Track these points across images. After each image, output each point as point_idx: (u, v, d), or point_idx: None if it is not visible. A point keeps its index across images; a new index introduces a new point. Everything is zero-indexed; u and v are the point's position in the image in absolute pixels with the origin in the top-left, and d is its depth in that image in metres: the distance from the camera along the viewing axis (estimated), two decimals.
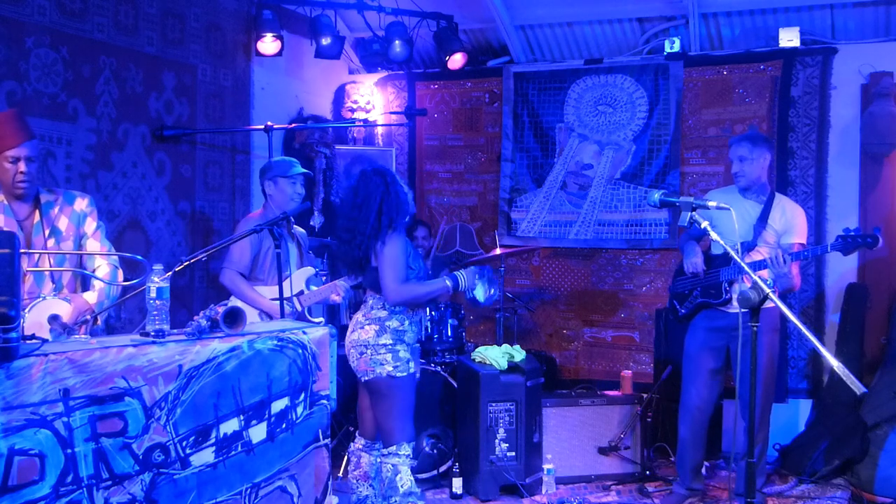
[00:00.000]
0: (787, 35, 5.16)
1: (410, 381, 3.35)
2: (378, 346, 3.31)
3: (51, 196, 3.31)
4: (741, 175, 3.98)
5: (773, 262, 3.72)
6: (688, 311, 4.16)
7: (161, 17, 4.63)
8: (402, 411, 3.33)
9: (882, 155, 4.94)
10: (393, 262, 3.27)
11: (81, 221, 3.34)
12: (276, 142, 5.21)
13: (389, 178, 3.37)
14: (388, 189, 3.32)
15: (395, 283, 3.27)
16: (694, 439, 4.15)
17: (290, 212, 3.78)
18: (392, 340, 3.32)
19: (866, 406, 4.49)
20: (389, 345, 3.31)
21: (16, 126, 3.17)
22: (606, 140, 5.76)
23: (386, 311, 3.35)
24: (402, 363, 3.31)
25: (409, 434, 3.36)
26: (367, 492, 3.44)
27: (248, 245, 3.98)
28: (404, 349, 3.34)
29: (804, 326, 2.40)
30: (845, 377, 2.22)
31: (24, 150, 3.14)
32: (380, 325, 3.33)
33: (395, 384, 3.30)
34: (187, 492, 2.52)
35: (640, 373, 5.52)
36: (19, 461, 2.12)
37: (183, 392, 2.50)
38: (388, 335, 3.32)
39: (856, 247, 3.72)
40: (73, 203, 3.34)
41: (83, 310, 3.13)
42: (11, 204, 3.21)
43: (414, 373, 3.37)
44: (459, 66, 5.70)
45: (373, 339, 3.32)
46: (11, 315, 2.09)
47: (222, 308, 2.68)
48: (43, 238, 3.22)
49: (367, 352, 3.33)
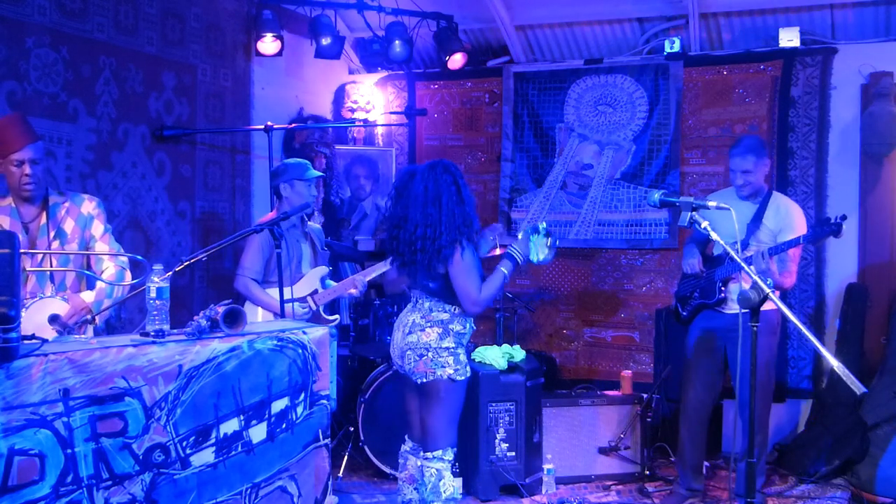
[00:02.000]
0: (787, 35, 5.16)
1: (466, 385, 3.31)
2: (440, 349, 3.24)
3: (59, 198, 3.33)
4: (745, 186, 3.96)
5: (755, 258, 3.72)
6: (689, 313, 4.16)
7: (161, 17, 4.63)
8: (452, 415, 3.29)
9: (882, 155, 4.94)
10: (470, 271, 3.21)
11: (88, 224, 3.35)
12: (276, 142, 5.21)
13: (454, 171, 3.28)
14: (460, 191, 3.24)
15: (475, 293, 3.21)
16: (694, 439, 4.16)
17: (289, 212, 3.79)
18: (454, 344, 3.26)
19: (866, 406, 4.49)
20: (452, 348, 3.25)
21: (19, 129, 3.19)
22: (606, 140, 5.76)
23: (447, 313, 3.28)
24: (462, 367, 3.26)
25: (453, 439, 3.31)
26: (412, 495, 3.36)
27: (259, 251, 4.03)
28: (464, 352, 3.30)
29: (804, 327, 2.40)
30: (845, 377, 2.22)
31: (29, 153, 3.16)
32: (443, 328, 3.26)
33: (454, 388, 3.25)
34: (187, 492, 2.52)
35: (640, 373, 5.52)
36: (19, 461, 2.12)
37: (183, 392, 2.50)
38: (451, 338, 3.26)
39: (823, 235, 3.75)
40: (80, 205, 3.36)
41: (80, 309, 3.13)
42: (19, 206, 3.24)
43: (470, 376, 3.33)
44: (459, 66, 5.70)
45: (435, 342, 3.24)
46: (11, 315, 2.09)
47: (222, 308, 2.68)
48: (48, 240, 3.23)
49: (427, 354, 3.24)
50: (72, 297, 3.20)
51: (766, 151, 4.02)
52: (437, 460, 3.24)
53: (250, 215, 5.31)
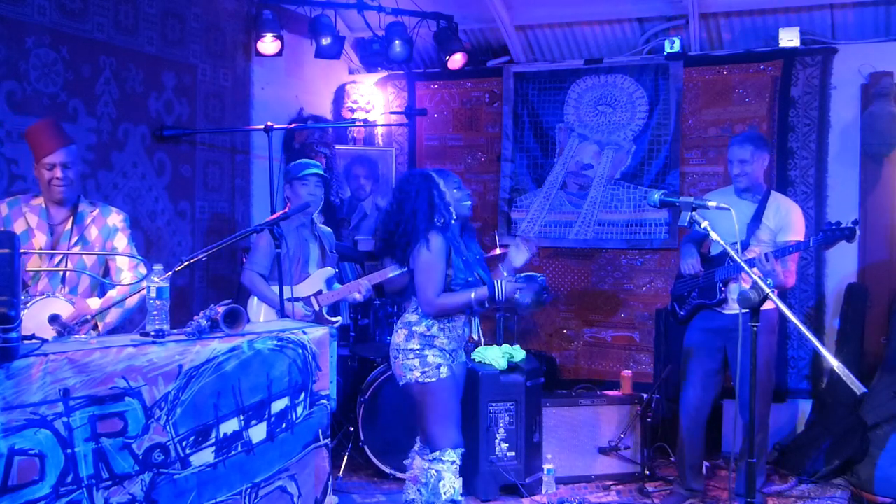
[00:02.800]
0: (787, 35, 5.16)
1: (442, 386, 3.23)
2: (406, 350, 3.26)
3: (89, 207, 3.39)
4: (742, 176, 3.97)
5: (759, 260, 3.72)
6: (686, 312, 4.16)
7: (161, 17, 4.63)
8: (440, 417, 3.23)
9: (882, 155, 4.94)
10: (427, 269, 3.21)
11: (112, 235, 3.40)
12: (276, 142, 5.21)
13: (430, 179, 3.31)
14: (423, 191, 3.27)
15: (429, 294, 3.21)
16: (693, 439, 4.16)
17: (289, 212, 3.80)
18: (419, 345, 3.25)
19: (866, 406, 4.49)
20: (417, 350, 3.24)
21: (51, 133, 3.25)
22: (606, 140, 5.76)
23: (417, 315, 3.29)
24: (430, 368, 3.22)
25: (452, 439, 3.24)
26: (415, 495, 3.34)
27: (268, 247, 4.07)
28: (434, 354, 3.24)
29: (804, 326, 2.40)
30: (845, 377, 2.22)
31: (61, 157, 3.22)
32: (408, 330, 3.28)
33: (425, 390, 3.22)
34: (187, 492, 2.52)
35: (640, 373, 5.52)
36: (19, 461, 2.12)
37: (183, 392, 2.51)
38: (415, 340, 3.25)
39: (836, 239, 3.72)
40: (107, 217, 3.41)
41: (83, 313, 3.15)
42: (50, 208, 3.30)
43: (447, 378, 3.24)
44: (459, 66, 5.70)
45: (402, 344, 3.28)
46: (11, 315, 2.09)
47: (222, 308, 2.68)
48: (68, 245, 3.28)
49: (399, 356, 3.29)
50: (78, 300, 3.22)
51: (766, 146, 4.03)
52: (437, 461, 3.22)
53: (250, 215, 5.31)
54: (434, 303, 3.21)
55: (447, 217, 3.28)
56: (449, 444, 3.23)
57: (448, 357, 3.30)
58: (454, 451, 3.24)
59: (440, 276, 3.23)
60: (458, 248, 3.30)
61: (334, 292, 4.21)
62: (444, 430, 3.23)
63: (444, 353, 3.28)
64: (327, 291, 4.21)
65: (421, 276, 3.22)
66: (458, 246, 3.32)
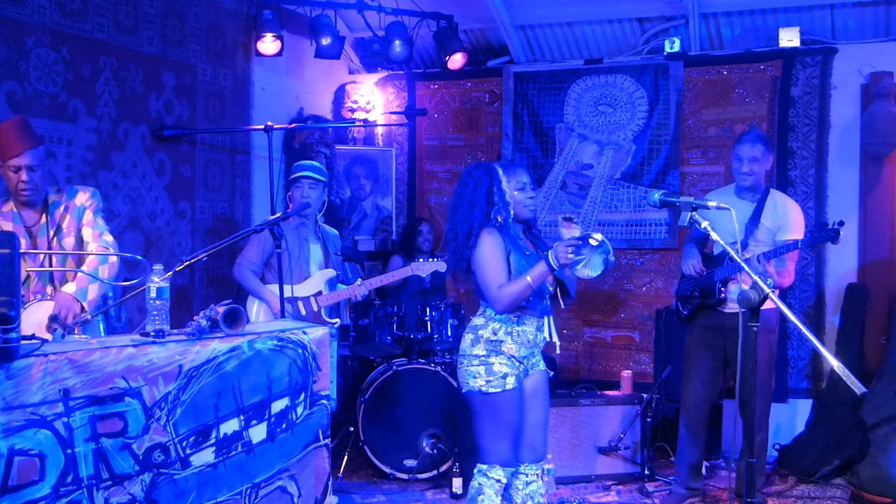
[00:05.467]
0: (787, 35, 5.16)
1: (506, 398, 2.97)
2: (471, 356, 3.02)
3: (57, 196, 3.33)
4: (750, 174, 3.94)
5: (751, 263, 3.71)
6: (689, 312, 4.16)
7: (161, 17, 4.63)
8: (495, 430, 2.99)
9: (882, 155, 4.94)
10: (487, 264, 3.00)
11: (81, 215, 3.34)
12: (276, 142, 5.21)
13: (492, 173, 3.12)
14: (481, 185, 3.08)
15: (492, 289, 2.98)
16: (693, 439, 4.16)
17: (289, 213, 3.82)
18: (485, 351, 2.99)
19: (866, 406, 4.48)
20: (482, 356, 2.99)
21: (18, 135, 3.16)
22: (606, 140, 5.76)
23: (483, 318, 3.06)
24: (496, 378, 2.96)
25: (503, 456, 3.00)
26: None
27: (259, 245, 4.15)
28: (501, 361, 2.98)
29: (804, 326, 2.40)
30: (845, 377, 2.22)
31: (26, 159, 3.14)
32: (474, 334, 3.04)
33: (487, 401, 2.98)
34: (187, 492, 2.52)
35: (640, 373, 5.52)
36: (19, 461, 2.12)
37: (183, 392, 2.50)
38: (481, 345, 3.01)
39: (820, 240, 3.75)
40: (74, 198, 3.35)
41: (66, 302, 3.09)
42: (21, 211, 3.24)
43: (513, 389, 2.98)
44: (459, 66, 5.70)
45: (467, 349, 3.04)
46: (11, 315, 2.09)
47: (222, 308, 2.68)
48: (47, 239, 3.23)
49: (463, 362, 3.06)
50: (57, 293, 3.17)
51: (772, 147, 4.06)
52: (482, 475, 3.03)
53: (250, 215, 5.31)
54: (499, 295, 2.96)
55: (505, 216, 3.08)
56: (498, 461, 3.01)
57: (517, 365, 3.03)
58: (502, 470, 3.02)
59: (500, 269, 2.99)
60: (518, 246, 3.09)
61: (334, 294, 4.21)
62: (498, 444, 3.00)
63: (513, 362, 3.01)
64: (327, 293, 4.21)
65: (481, 274, 3.02)
66: (519, 244, 3.10)
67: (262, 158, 5.19)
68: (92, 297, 3.17)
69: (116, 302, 3.29)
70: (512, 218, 3.10)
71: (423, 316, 4.74)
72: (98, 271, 3.19)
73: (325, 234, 4.37)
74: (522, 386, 3.05)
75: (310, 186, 4.24)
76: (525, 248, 3.13)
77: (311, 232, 4.30)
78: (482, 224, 3.04)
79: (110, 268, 3.24)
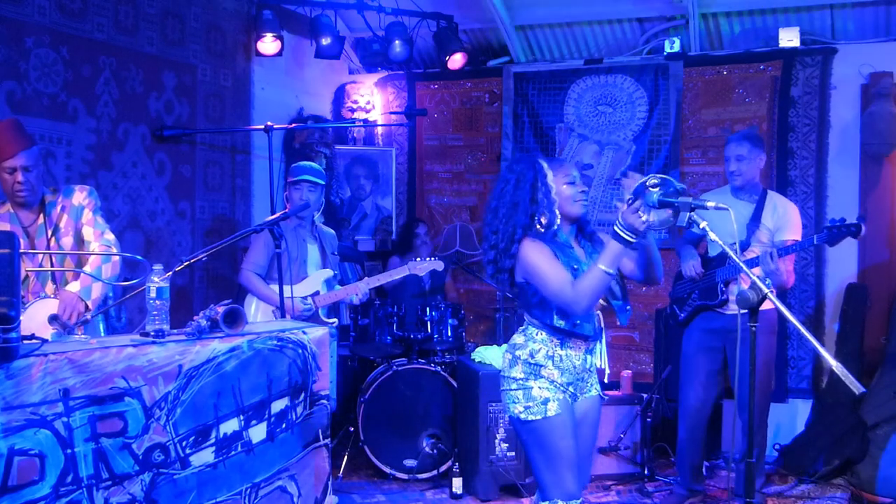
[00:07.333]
0: (787, 35, 5.16)
1: (550, 426, 2.61)
2: (509, 379, 2.69)
3: (53, 196, 3.33)
4: (738, 174, 3.98)
5: (762, 259, 3.72)
6: (686, 314, 4.16)
7: (161, 17, 4.63)
8: (548, 461, 2.63)
9: (882, 155, 4.94)
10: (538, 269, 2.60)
11: (79, 214, 3.34)
12: (276, 142, 5.21)
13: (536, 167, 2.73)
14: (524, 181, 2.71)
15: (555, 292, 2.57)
16: (693, 439, 4.16)
17: (288, 213, 3.82)
18: (524, 374, 2.65)
19: (866, 406, 4.49)
20: (521, 379, 2.65)
21: (12, 136, 3.17)
22: (606, 140, 5.76)
23: (524, 336, 2.70)
24: (535, 404, 2.61)
25: (564, 489, 2.63)
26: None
27: (264, 247, 4.13)
28: (541, 385, 2.63)
29: (803, 326, 2.40)
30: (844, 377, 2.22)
31: (21, 160, 3.15)
32: (512, 354, 2.71)
33: (529, 429, 2.64)
34: (187, 492, 2.52)
35: (640, 373, 5.52)
36: (19, 461, 2.13)
37: (183, 392, 2.51)
38: (519, 367, 2.67)
39: (841, 236, 3.71)
40: (71, 197, 3.35)
41: (70, 301, 3.10)
42: (18, 212, 3.25)
43: (556, 416, 2.61)
44: (459, 66, 5.70)
45: (506, 370, 2.71)
46: (11, 315, 2.10)
47: (222, 308, 2.68)
48: (46, 239, 3.23)
49: (503, 384, 2.73)
50: (61, 292, 3.18)
51: (763, 146, 4.06)
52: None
53: (250, 215, 5.31)
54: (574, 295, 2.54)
55: (550, 217, 2.68)
56: (559, 495, 2.64)
57: (560, 390, 2.66)
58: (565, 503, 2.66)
59: (559, 267, 2.60)
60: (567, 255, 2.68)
61: (332, 294, 4.21)
62: (554, 476, 2.63)
63: (555, 385, 2.65)
64: (325, 292, 4.22)
65: (539, 281, 2.61)
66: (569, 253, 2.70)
67: (262, 158, 5.19)
68: (96, 296, 3.18)
69: (117, 302, 3.29)
70: (559, 220, 2.70)
71: (423, 316, 4.74)
72: (101, 270, 3.19)
73: (321, 234, 4.37)
74: (572, 410, 2.69)
75: (309, 189, 4.25)
76: (575, 257, 2.70)
77: (309, 232, 4.31)
78: (526, 227, 2.66)
79: (112, 267, 3.24)
